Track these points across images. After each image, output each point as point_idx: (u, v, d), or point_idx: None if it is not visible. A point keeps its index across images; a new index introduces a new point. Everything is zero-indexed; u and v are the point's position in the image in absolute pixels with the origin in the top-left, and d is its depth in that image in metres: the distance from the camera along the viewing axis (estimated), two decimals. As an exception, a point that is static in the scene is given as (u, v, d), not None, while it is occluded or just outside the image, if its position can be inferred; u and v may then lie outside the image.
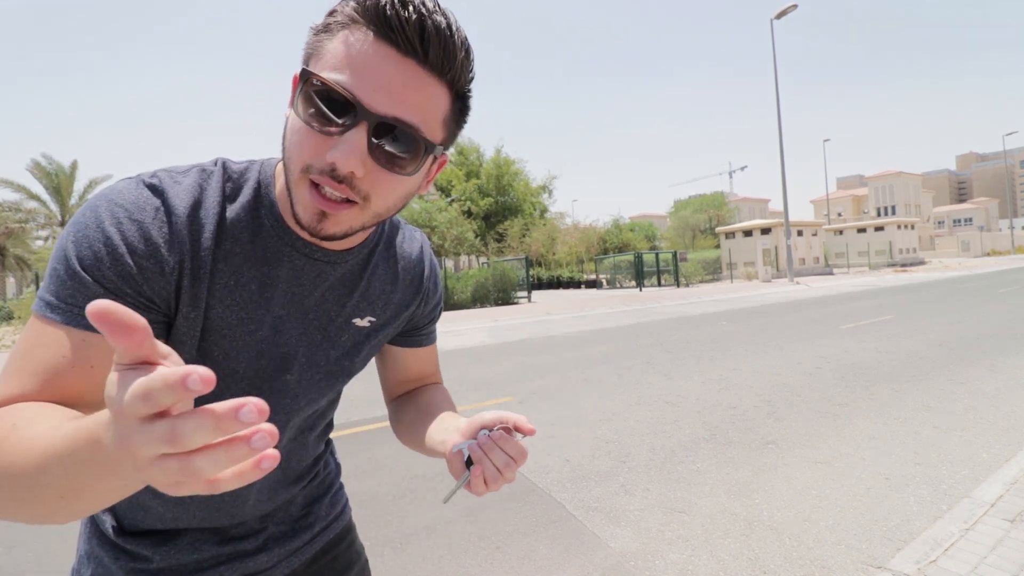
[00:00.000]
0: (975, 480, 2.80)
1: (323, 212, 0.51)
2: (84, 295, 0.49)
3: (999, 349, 6.13)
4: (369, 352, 0.74)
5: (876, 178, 77.39)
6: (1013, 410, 3.93)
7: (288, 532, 0.75)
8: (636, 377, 5.60)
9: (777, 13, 24.53)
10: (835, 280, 23.94)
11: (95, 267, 0.49)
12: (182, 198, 0.55)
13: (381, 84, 0.48)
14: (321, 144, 0.49)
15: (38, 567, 2.35)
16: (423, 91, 0.50)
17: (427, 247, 0.79)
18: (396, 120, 0.49)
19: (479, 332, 10.48)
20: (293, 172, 0.51)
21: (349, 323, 0.68)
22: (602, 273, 28.48)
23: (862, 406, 4.20)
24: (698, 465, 3.16)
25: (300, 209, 0.52)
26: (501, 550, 2.34)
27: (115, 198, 0.52)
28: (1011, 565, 2.02)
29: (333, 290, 0.66)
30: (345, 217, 0.52)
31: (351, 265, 0.66)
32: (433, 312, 0.82)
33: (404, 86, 0.49)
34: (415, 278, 0.76)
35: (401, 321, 0.76)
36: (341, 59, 0.48)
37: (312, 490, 0.80)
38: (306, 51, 0.51)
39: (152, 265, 0.52)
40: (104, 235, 0.50)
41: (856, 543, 2.26)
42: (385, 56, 0.48)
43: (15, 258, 27.72)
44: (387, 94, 0.48)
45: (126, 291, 0.51)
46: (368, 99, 0.48)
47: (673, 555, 2.24)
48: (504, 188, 34.26)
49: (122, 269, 0.50)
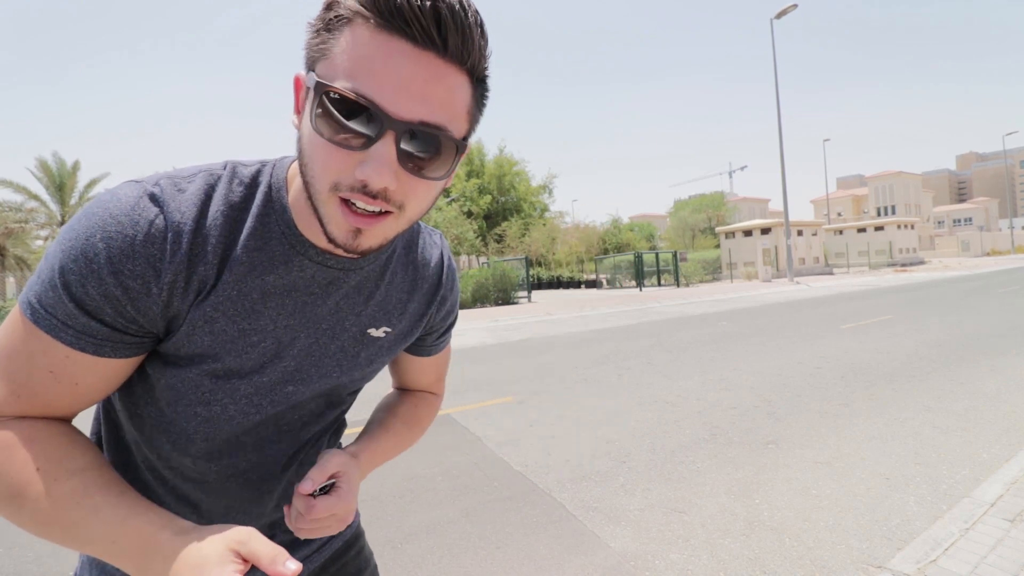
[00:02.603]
0: (975, 480, 2.80)
1: (358, 229, 0.48)
2: (64, 310, 0.48)
3: (999, 349, 6.13)
4: (380, 363, 0.71)
5: (876, 178, 77.39)
6: (1013, 410, 3.93)
7: (296, 541, 0.73)
8: (636, 377, 5.60)
9: (777, 13, 24.57)
10: (835, 280, 23.94)
11: (78, 284, 0.47)
12: (184, 209, 0.51)
13: (401, 85, 0.44)
14: (347, 160, 0.45)
15: (38, 567, 2.35)
16: (445, 85, 0.46)
17: (447, 251, 0.75)
18: (423, 124, 0.45)
19: (479, 332, 10.49)
20: (320, 191, 0.47)
21: (364, 334, 0.65)
22: (602, 273, 28.48)
23: (862, 406, 4.21)
24: (698, 465, 3.16)
25: (333, 228, 0.49)
26: (501, 550, 2.34)
27: (111, 209, 0.49)
28: (1011, 565, 2.02)
29: (348, 299, 0.62)
30: (380, 229, 0.49)
31: (367, 272, 0.62)
32: (446, 320, 0.78)
33: (426, 83, 0.45)
34: (432, 285, 0.72)
35: (416, 332, 0.73)
36: (353, 62, 0.44)
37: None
38: (309, 53, 0.47)
39: (139, 285, 0.49)
40: (91, 252, 0.47)
41: (856, 543, 2.26)
42: (400, 52, 0.43)
43: (15, 258, 27.70)
44: (410, 96, 0.44)
45: (106, 310, 0.49)
46: (391, 106, 0.44)
47: (673, 555, 2.24)
48: (505, 188, 34.27)
49: (105, 290, 0.48)
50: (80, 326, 0.48)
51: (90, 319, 0.49)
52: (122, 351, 0.52)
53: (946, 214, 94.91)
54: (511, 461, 3.35)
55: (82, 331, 0.49)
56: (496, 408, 4.65)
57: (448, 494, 2.92)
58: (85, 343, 0.49)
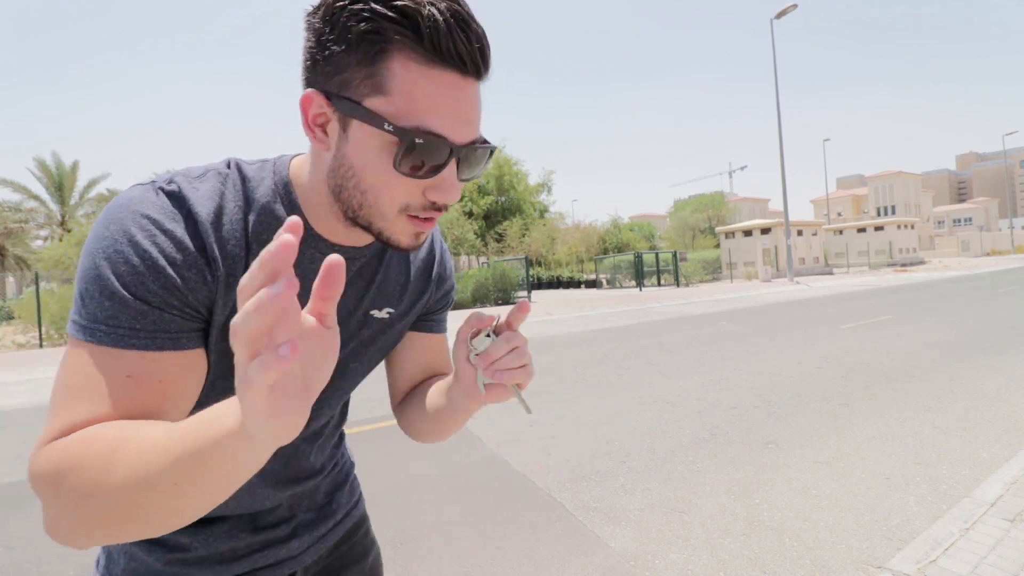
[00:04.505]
0: (975, 480, 2.80)
1: (420, 232, 0.54)
2: (128, 314, 0.47)
3: (999, 349, 6.13)
4: (385, 344, 0.74)
5: (876, 178, 77.43)
6: (1013, 410, 3.93)
7: (315, 519, 0.78)
8: (636, 377, 5.60)
9: (777, 13, 24.58)
10: (835, 280, 23.94)
11: (137, 284, 0.47)
12: (204, 205, 0.53)
13: (459, 116, 0.48)
14: (418, 186, 0.51)
15: (38, 567, 2.35)
16: (478, 101, 0.51)
17: (436, 232, 0.79)
18: (474, 143, 0.51)
19: (479, 332, 10.46)
20: (387, 214, 0.52)
21: (368, 316, 0.69)
22: (602, 273, 28.47)
23: (862, 406, 4.20)
24: (698, 465, 3.16)
25: (400, 238, 0.54)
26: (501, 550, 2.34)
27: (138, 208, 0.50)
28: (1011, 565, 2.02)
29: (352, 284, 0.65)
30: (431, 226, 0.55)
31: (368, 258, 0.66)
32: (446, 298, 0.81)
33: (473, 108, 0.50)
34: (427, 264, 0.76)
35: (417, 310, 0.76)
36: (416, 101, 0.47)
37: (332, 479, 0.83)
38: (344, 76, 0.47)
39: (194, 275, 0.51)
40: (140, 249, 0.48)
41: (856, 543, 2.26)
42: (452, 86, 0.48)
43: (15, 258, 27.71)
44: (465, 123, 0.49)
45: (172, 303, 0.49)
46: (454, 136, 0.49)
47: (673, 555, 2.24)
48: (505, 188, 34.25)
49: (166, 281, 0.48)
50: (151, 325, 0.48)
51: (162, 312, 0.49)
52: (195, 340, 0.52)
53: (946, 214, 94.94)
54: (511, 461, 3.35)
55: (154, 329, 0.48)
56: (496, 408, 4.64)
57: (448, 494, 2.92)
58: (163, 340, 0.49)
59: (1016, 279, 17.72)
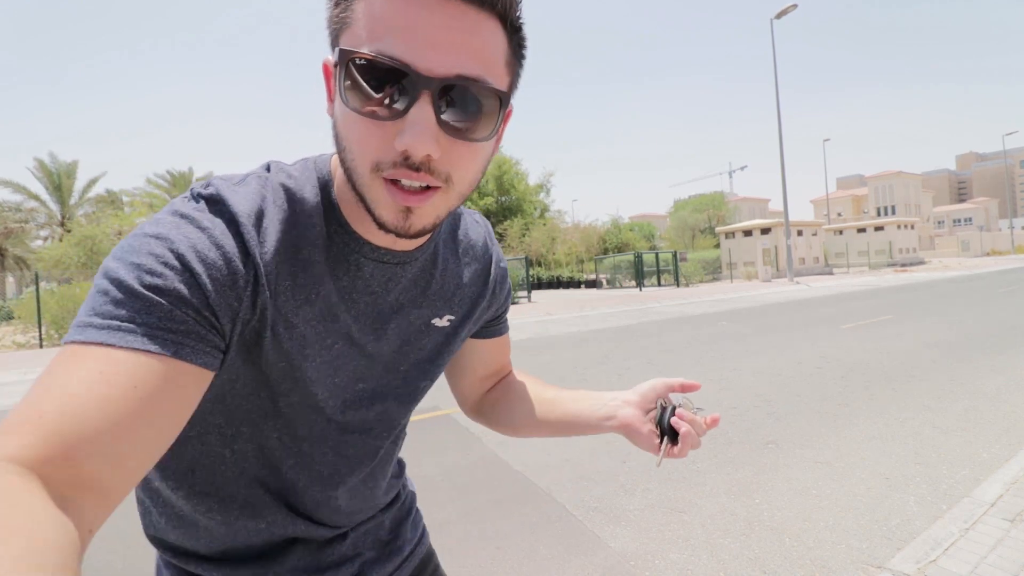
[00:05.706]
0: (975, 480, 2.80)
1: (408, 208, 0.45)
2: (132, 307, 0.40)
3: (999, 349, 6.13)
4: (450, 353, 0.69)
5: (876, 178, 77.47)
6: (1013, 410, 3.93)
7: (380, 557, 0.73)
8: (636, 377, 5.60)
9: (777, 13, 24.57)
10: (835, 280, 23.94)
11: (151, 276, 0.41)
12: (244, 206, 0.48)
13: (430, 39, 0.40)
14: (384, 133, 0.42)
15: (38, 567, 2.35)
16: (477, 33, 0.42)
17: (490, 233, 0.73)
18: (459, 78, 0.41)
19: (479, 332, 10.47)
20: (362, 174, 0.44)
21: (428, 325, 0.63)
22: (602, 273, 28.48)
23: (862, 406, 4.20)
24: (698, 465, 3.16)
25: (382, 211, 0.46)
26: (501, 550, 2.34)
27: (168, 210, 0.46)
28: (1011, 565, 2.02)
29: (407, 292, 0.60)
30: (430, 206, 0.46)
31: (421, 263, 0.60)
32: (506, 302, 0.77)
33: (455, 33, 0.41)
34: (484, 268, 0.69)
35: (477, 315, 0.70)
36: (375, 22, 0.40)
37: (395, 513, 0.77)
38: (332, 28, 0.44)
39: (224, 276, 0.45)
40: (167, 243, 0.43)
41: (856, 543, 2.26)
42: (422, 4, 0.40)
43: (15, 258, 27.72)
44: (440, 49, 0.40)
45: (192, 302, 0.43)
46: (422, 62, 0.40)
47: (673, 555, 2.24)
48: (505, 188, 34.26)
49: (188, 278, 0.42)
50: (154, 320, 0.41)
51: (173, 309, 0.42)
52: (199, 355, 0.44)
53: (946, 214, 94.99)
54: (511, 461, 3.35)
55: (155, 325, 0.41)
56: (496, 408, 4.64)
57: (448, 494, 2.92)
58: (162, 339, 0.41)
59: (1016, 279, 17.72)
